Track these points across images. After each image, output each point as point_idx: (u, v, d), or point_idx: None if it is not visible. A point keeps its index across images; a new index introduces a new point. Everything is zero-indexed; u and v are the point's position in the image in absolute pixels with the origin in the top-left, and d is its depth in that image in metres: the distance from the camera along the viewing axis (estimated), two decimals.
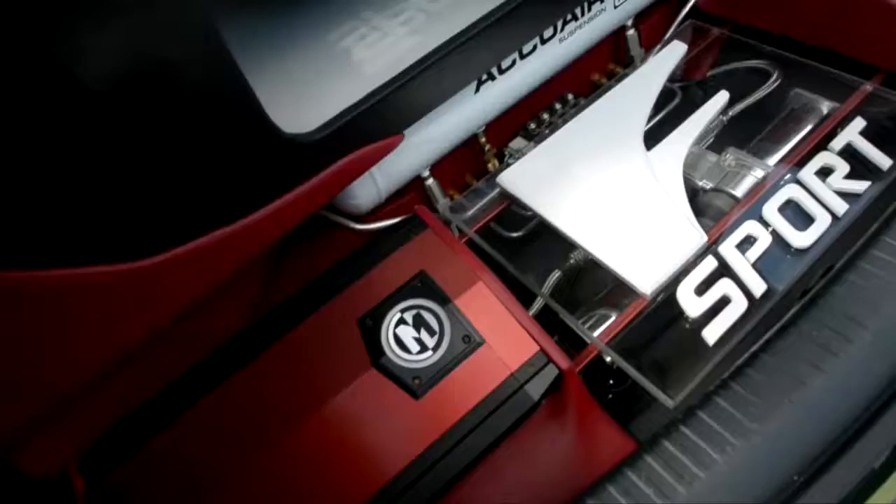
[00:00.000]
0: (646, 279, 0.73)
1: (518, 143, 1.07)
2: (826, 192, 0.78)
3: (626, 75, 1.00)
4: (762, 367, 0.65)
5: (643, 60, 1.10)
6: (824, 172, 0.80)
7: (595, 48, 1.11)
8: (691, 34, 1.12)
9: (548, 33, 0.91)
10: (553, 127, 0.99)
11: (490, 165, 1.05)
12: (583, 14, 0.94)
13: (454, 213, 0.93)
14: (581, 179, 0.85)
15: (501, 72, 0.89)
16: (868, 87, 0.90)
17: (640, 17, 1.17)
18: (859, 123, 0.84)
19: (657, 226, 0.78)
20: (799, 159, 0.83)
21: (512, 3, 0.73)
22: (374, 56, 0.79)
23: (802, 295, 0.71)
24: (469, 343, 0.65)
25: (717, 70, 1.12)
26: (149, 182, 0.53)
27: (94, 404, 0.66)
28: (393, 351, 0.65)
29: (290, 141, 0.57)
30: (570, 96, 1.11)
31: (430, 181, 0.98)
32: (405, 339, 0.66)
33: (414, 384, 0.66)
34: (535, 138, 1.06)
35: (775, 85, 1.03)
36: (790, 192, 0.79)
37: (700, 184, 0.91)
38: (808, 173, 0.80)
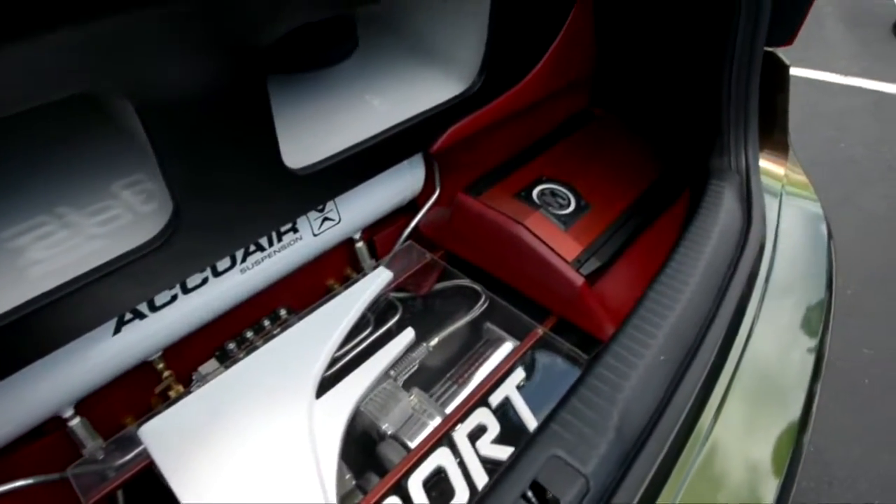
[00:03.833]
0: None
1: (209, 366, 0.96)
2: (473, 460, 0.76)
3: (340, 291, 0.97)
4: None
5: (374, 268, 1.10)
6: (479, 431, 0.80)
7: (326, 256, 1.10)
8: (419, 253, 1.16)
9: (223, 265, 0.86)
10: (252, 349, 0.91)
11: (172, 392, 0.92)
12: (271, 244, 0.92)
13: (85, 469, 0.77)
14: (227, 443, 0.75)
15: (155, 309, 0.80)
16: (539, 330, 0.96)
17: (372, 230, 1.20)
18: (518, 375, 0.86)
19: None
20: (464, 412, 0.82)
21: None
22: None
23: None
24: None
25: (441, 285, 1.15)
26: None
27: None
28: None
29: None
30: (283, 311, 1.06)
31: (76, 422, 0.81)
32: None
33: None
34: (228, 361, 0.97)
35: (484, 307, 1.07)
36: (440, 458, 0.75)
37: (383, 428, 0.85)
38: (461, 435, 0.78)
